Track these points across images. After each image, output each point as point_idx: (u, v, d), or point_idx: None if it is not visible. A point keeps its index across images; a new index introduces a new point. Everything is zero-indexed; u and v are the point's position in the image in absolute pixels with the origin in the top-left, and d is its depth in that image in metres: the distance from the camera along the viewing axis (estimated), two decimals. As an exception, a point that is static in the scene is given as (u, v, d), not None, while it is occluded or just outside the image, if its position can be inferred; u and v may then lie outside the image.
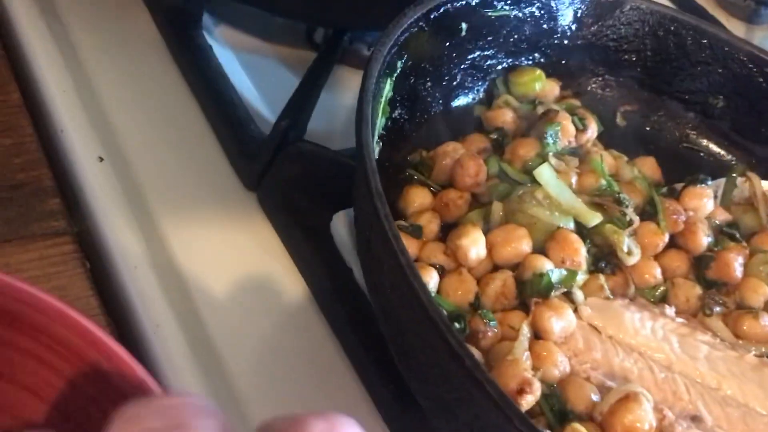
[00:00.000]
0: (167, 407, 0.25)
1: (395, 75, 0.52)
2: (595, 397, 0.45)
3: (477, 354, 0.44)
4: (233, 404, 0.48)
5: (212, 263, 0.54)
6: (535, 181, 0.53)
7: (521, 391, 0.40)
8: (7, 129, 0.56)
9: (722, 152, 0.67)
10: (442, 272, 0.49)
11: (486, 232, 0.50)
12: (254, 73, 0.70)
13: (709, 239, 0.56)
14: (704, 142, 0.68)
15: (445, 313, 0.37)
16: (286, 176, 0.58)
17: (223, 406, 0.47)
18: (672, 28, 0.66)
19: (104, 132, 0.58)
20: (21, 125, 0.57)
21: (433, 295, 0.45)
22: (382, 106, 0.50)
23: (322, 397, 0.50)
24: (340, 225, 0.57)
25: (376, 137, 0.50)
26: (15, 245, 0.51)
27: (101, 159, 0.55)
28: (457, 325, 0.44)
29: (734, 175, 0.63)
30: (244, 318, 0.52)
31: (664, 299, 0.54)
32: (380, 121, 0.52)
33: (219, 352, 0.50)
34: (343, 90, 0.72)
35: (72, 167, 0.55)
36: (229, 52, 0.71)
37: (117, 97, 0.60)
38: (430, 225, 0.51)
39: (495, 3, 0.60)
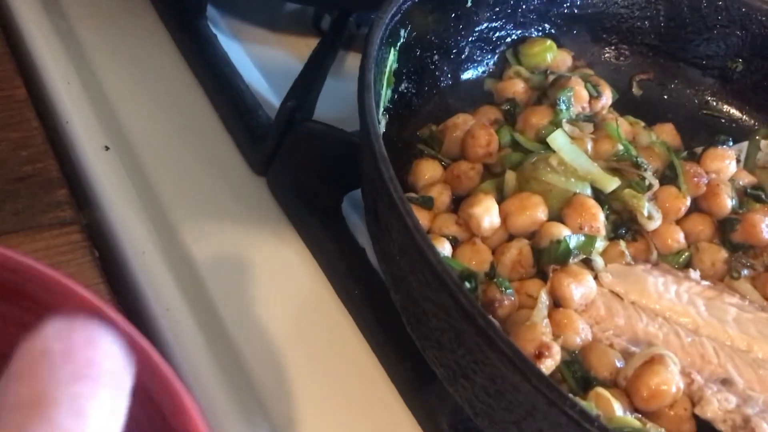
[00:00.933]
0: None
1: (399, 44, 0.51)
2: (619, 363, 0.43)
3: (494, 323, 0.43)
4: (246, 388, 0.47)
5: (222, 249, 0.53)
6: (549, 149, 0.52)
7: (540, 355, 0.39)
8: (13, 123, 0.56)
9: (744, 117, 0.65)
10: (456, 243, 0.48)
11: (499, 202, 0.49)
12: (261, 62, 0.69)
13: (733, 201, 0.54)
14: (724, 107, 0.66)
15: (455, 273, 0.36)
16: (295, 159, 0.57)
17: (237, 389, 0.46)
18: (686, -10, 0.64)
19: (109, 122, 0.57)
20: (27, 119, 0.57)
21: (445, 256, 0.44)
22: (386, 76, 0.49)
23: (337, 378, 0.49)
24: (352, 205, 0.56)
25: (381, 108, 0.49)
26: (23, 236, 0.50)
27: (107, 148, 0.55)
28: (468, 284, 0.42)
29: (757, 138, 0.61)
30: (256, 301, 0.51)
31: (688, 265, 0.52)
32: (386, 93, 0.50)
33: (230, 336, 0.49)
34: (350, 76, 0.70)
35: (78, 157, 0.55)
36: (235, 43, 0.71)
37: (121, 87, 0.60)
38: (442, 197, 0.49)
39: (499, -29, 0.59)
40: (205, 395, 0.46)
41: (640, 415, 0.41)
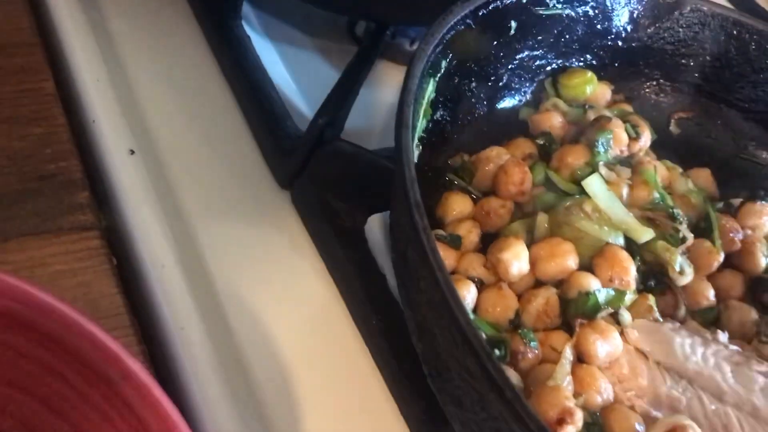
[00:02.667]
0: None
1: (439, 75, 0.49)
2: (639, 428, 0.42)
3: (515, 376, 0.42)
4: (257, 411, 0.46)
5: (242, 263, 0.52)
6: (583, 192, 0.50)
7: (561, 422, 0.38)
8: (38, 118, 0.55)
9: (783, 165, 0.64)
10: (481, 286, 0.46)
11: (529, 245, 0.48)
12: (293, 67, 0.68)
13: (768, 260, 0.53)
14: (764, 154, 0.64)
15: (484, 337, 0.35)
16: (321, 176, 0.56)
17: (247, 412, 0.46)
18: (734, 32, 0.62)
19: (137, 124, 0.56)
20: (53, 114, 0.56)
21: (470, 311, 0.43)
22: (423, 108, 0.48)
23: (349, 408, 0.48)
24: (375, 228, 0.55)
25: (416, 140, 0.48)
26: (41, 238, 0.49)
27: (132, 152, 0.54)
28: (497, 352, 0.41)
29: (796, 190, 0.59)
30: (272, 322, 0.50)
31: (715, 322, 0.51)
32: (421, 123, 0.49)
33: (244, 357, 0.48)
34: (384, 86, 0.70)
35: (102, 159, 0.54)
36: (269, 44, 0.69)
37: (151, 89, 0.59)
38: (470, 235, 0.48)
39: (547, 1, 0.57)
40: (214, 417, 0.45)
41: (658, 488, 0.40)
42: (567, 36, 0.60)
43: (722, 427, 0.43)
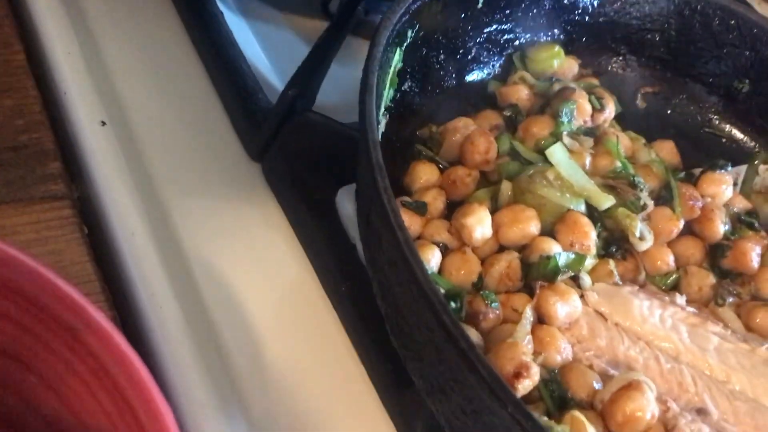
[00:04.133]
0: None
1: (405, 45, 0.50)
2: (597, 385, 0.44)
3: (476, 335, 0.43)
4: (227, 378, 0.47)
5: (213, 233, 0.53)
6: (547, 161, 0.51)
7: (518, 375, 0.39)
8: (9, 89, 0.55)
9: (745, 138, 0.65)
10: (445, 250, 0.48)
11: (493, 212, 0.49)
12: (265, 42, 0.68)
13: (726, 227, 0.54)
14: (727, 127, 0.66)
15: (442, 291, 0.36)
16: (292, 148, 0.57)
17: (216, 379, 0.47)
18: (698, 7, 0.63)
19: (108, 96, 0.56)
20: (24, 86, 0.56)
21: (433, 273, 0.44)
22: (390, 76, 0.49)
23: (318, 374, 0.49)
24: (346, 200, 0.56)
25: (382, 109, 0.49)
26: (12, 207, 0.50)
27: (104, 123, 0.54)
28: (453, 304, 0.42)
29: (756, 162, 0.61)
30: (242, 290, 0.51)
31: (675, 287, 0.52)
32: (388, 93, 0.50)
33: (214, 324, 0.49)
34: (356, 62, 0.69)
35: (74, 131, 0.54)
36: (241, 20, 0.70)
37: (123, 61, 0.59)
38: (436, 202, 0.49)
39: (514, -25, 0.58)
40: (185, 383, 0.46)
41: (613, 441, 0.41)
42: (535, 10, 0.61)
43: (677, 385, 0.45)
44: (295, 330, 0.51)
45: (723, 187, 0.55)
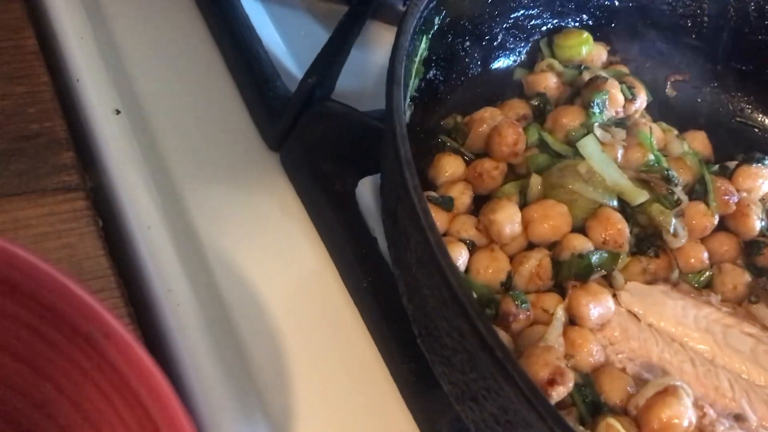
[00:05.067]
0: None
1: (432, 33, 0.48)
2: (630, 389, 0.42)
3: (506, 338, 0.41)
4: (244, 372, 0.46)
5: (229, 225, 0.52)
6: (577, 154, 0.49)
7: (552, 382, 0.37)
8: (21, 76, 0.54)
9: (779, 128, 0.63)
10: (473, 248, 0.46)
11: (522, 207, 0.47)
12: (283, 27, 0.66)
13: (763, 223, 0.52)
14: (760, 116, 0.64)
15: (475, 296, 0.34)
16: (311, 137, 0.55)
17: (234, 374, 0.45)
18: (733, -8, 0.61)
19: (122, 83, 0.55)
20: (36, 73, 0.54)
21: (462, 273, 0.42)
22: (416, 66, 0.47)
23: (337, 369, 0.48)
24: (366, 191, 0.54)
25: (408, 100, 0.47)
26: (25, 199, 0.48)
27: (118, 112, 0.53)
28: (488, 311, 0.40)
29: (792, 153, 0.59)
30: (261, 283, 0.50)
31: (709, 285, 0.50)
32: (413, 83, 0.48)
33: (232, 319, 0.48)
34: (375, 47, 0.68)
35: (87, 119, 0.52)
36: (257, 3, 0.68)
37: (137, 47, 0.57)
38: (462, 197, 0.47)
39: (543, -42, 0.56)
40: (202, 381, 0.44)
41: (648, 449, 0.40)
42: (563, -5, 0.59)
43: (714, 389, 0.43)
44: (314, 326, 0.50)
45: (759, 182, 0.53)
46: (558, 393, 0.38)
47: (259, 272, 0.50)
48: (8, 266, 0.27)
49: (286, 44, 0.65)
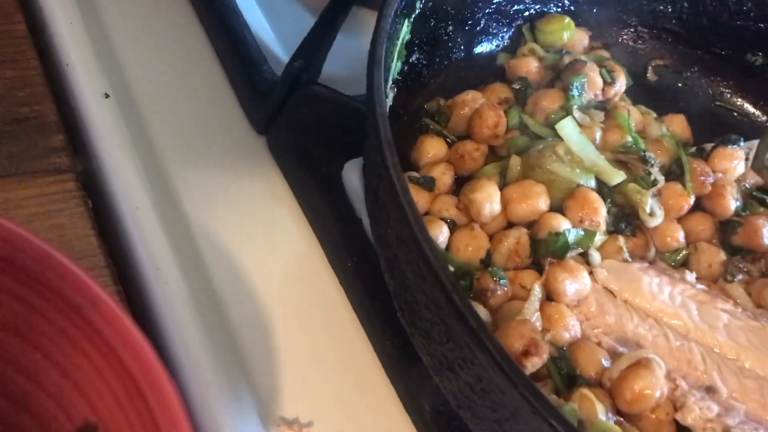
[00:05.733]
0: None
1: (413, 16, 0.49)
2: (605, 363, 0.43)
3: (484, 312, 0.43)
4: (231, 348, 0.47)
5: (217, 207, 0.53)
6: (556, 135, 0.50)
7: (527, 353, 0.39)
8: (11, 60, 0.54)
9: (757, 112, 0.64)
10: (453, 227, 0.47)
11: (502, 187, 0.48)
12: (270, 12, 0.67)
13: (738, 203, 0.53)
14: (739, 101, 0.65)
15: (451, 269, 0.35)
16: (298, 121, 0.56)
17: (221, 350, 0.46)
18: (713, -22, 0.62)
19: (111, 67, 0.56)
20: (26, 57, 0.55)
21: (443, 251, 0.44)
22: (398, 49, 0.48)
23: (324, 347, 0.49)
24: (352, 174, 0.55)
25: (390, 82, 0.48)
26: (16, 181, 0.49)
27: (107, 95, 0.54)
28: (463, 282, 0.42)
29: (769, 136, 0.60)
30: (248, 264, 0.51)
31: (685, 264, 0.52)
32: (396, 66, 0.49)
33: (220, 298, 0.49)
34: (362, 33, 0.69)
35: (77, 103, 0.53)
36: (245, -11, 0.68)
37: (126, 32, 0.58)
38: (444, 177, 0.48)
39: (524, -57, 0.57)
40: (191, 359, 0.45)
41: (621, 419, 0.41)
42: (545, -20, 0.60)
43: (686, 362, 0.45)
44: (301, 304, 0.51)
45: (735, 163, 0.54)
46: (533, 363, 0.39)
47: (246, 252, 0.51)
48: (6, 243, 0.28)
49: (274, 30, 0.66)
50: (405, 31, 0.48)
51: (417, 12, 0.49)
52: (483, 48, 0.59)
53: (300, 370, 0.48)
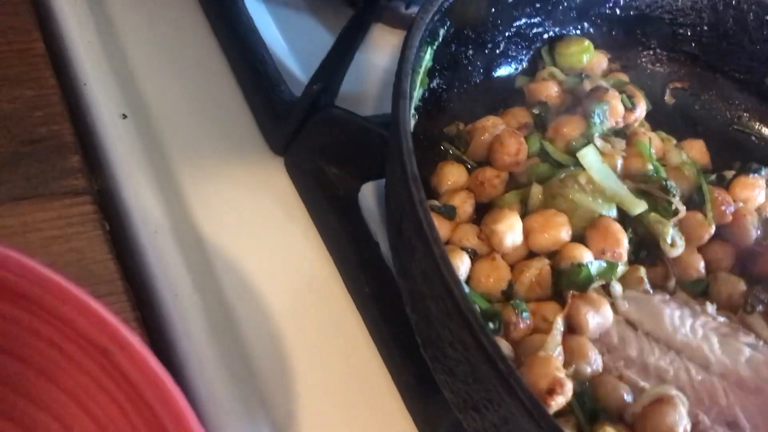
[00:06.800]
0: None
1: (437, 44, 0.49)
2: (627, 398, 0.43)
3: (506, 346, 0.42)
4: (249, 377, 0.47)
5: (235, 230, 0.52)
6: (578, 163, 0.50)
7: (552, 392, 0.38)
8: (29, 79, 0.54)
9: (776, 137, 0.64)
10: (474, 256, 0.47)
11: (523, 216, 0.48)
12: (287, 30, 0.67)
13: (758, 232, 0.53)
14: (757, 125, 0.65)
15: (478, 309, 0.35)
16: (315, 143, 0.56)
17: (239, 378, 0.46)
18: (733, 2, 0.62)
19: (129, 87, 0.55)
20: (44, 76, 0.55)
21: (463, 282, 0.43)
22: (420, 77, 0.47)
23: (340, 374, 0.49)
24: (369, 196, 0.55)
25: (412, 110, 0.48)
26: (33, 203, 0.49)
27: (124, 116, 0.53)
28: (491, 325, 0.41)
29: (787, 162, 0.60)
30: (265, 288, 0.50)
31: (705, 294, 0.51)
32: (417, 92, 0.49)
33: (238, 323, 0.48)
34: (379, 50, 0.69)
35: (94, 123, 0.53)
36: (262, 6, 0.68)
37: (143, 51, 0.58)
38: (464, 205, 0.48)
39: (545, -33, 0.56)
40: (208, 384, 0.45)
41: (644, 456, 0.41)
42: (564, 3, 0.60)
43: (708, 397, 0.44)
44: (318, 330, 0.51)
45: (756, 192, 0.54)
46: (557, 403, 0.39)
47: (263, 276, 0.51)
48: (29, 282, 0.28)
49: (291, 47, 0.65)
50: (428, 59, 0.48)
51: (440, 39, 0.49)
52: (502, 71, 0.59)
53: (316, 395, 0.48)
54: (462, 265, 0.45)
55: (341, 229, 0.53)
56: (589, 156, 0.49)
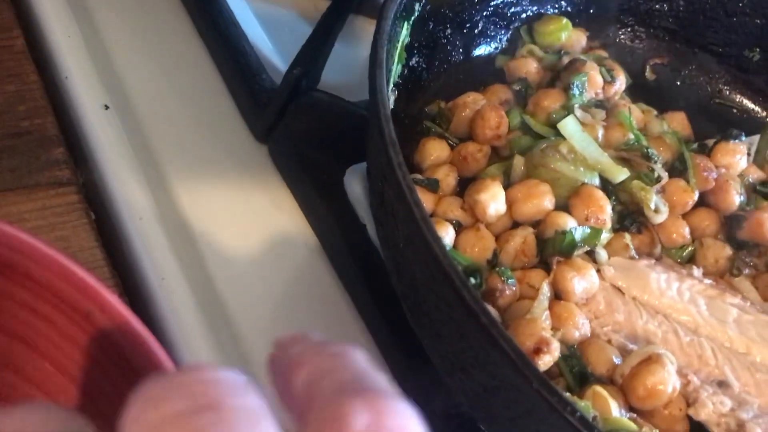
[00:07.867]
0: (194, 383, 0.20)
1: (413, 18, 0.49)
2: (616, 360, 0.43)
3: (494, 312, 0.42)
4: (239, 360, 0.47)
5: (220, 216, 0.52)
6: (559, 135, 0.50)
7: (538, 351, 0.38)
8: (10, 75, 0.54)
9: (757, 108, 0.64)
10: (459, 228, 0.47)
11: (506, 187, 0.48)
12: (267, 23, 0.67)
13: (742, 198, 0.53)
14: (738, 97, 0.65)
15: (460, 267, 0.35)
16: (298, 128, 0.56)
17: (229, 362, 0.46)
18: (708, -25, 0.62)
19: (110, 79, 0.55)
20: (25, 71, 0.55)
21: (451, 249, 0.43)
22: (398, 51, 0.48)
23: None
24: (354, 179, 0.55)
25: (391, 85, 0.48)
26: (18, 194, 0.49)
27: (107, 107, 0.53)
28: (473, 280, 0.41)
29: (769, 131, 0.60)
30: (253, 272, 0.51)
31: (691, 260, 0.52)
32: (396, 69, 0.49)
33: (226, 307, 0.48)
34: (359, 41, 0.69)
35: (77, 115, 0.53)
36: (242, 1, 0.68)
37: (124, 43, 0.58)
38: (447, 178, 0.48)
39: (520, -54, 0.57)
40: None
41: (635, 415, 0.41)
42: (541, -18, 0.60)
43: (697, 358, 0.44)
44: (307, 312, 0.51)
45: (737, 157, 0.54)
46: (544, 362, 0.39)
47: (250, 261, 0.51)
48: (9, 249, 0.28)
49: (272, 40, 0.66)
50: (404, 33, 0.48)
51: (416, 15, 0.49)
52: (481, 50, 0.59)
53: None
54: (447, 236, 0.45)
55: (327, 213, 0.53)
56: (569, 126, 0.50)
